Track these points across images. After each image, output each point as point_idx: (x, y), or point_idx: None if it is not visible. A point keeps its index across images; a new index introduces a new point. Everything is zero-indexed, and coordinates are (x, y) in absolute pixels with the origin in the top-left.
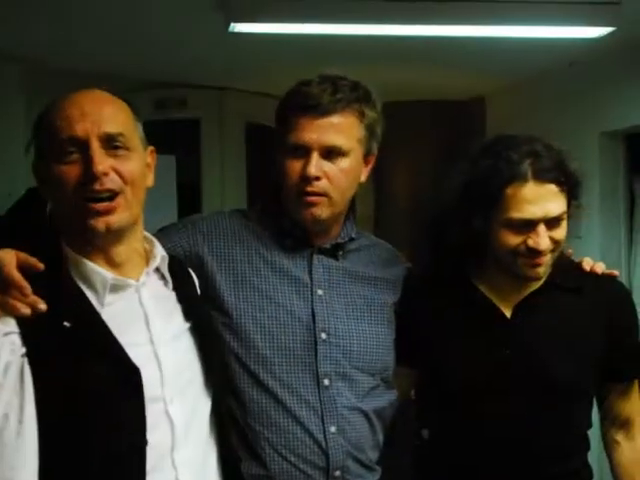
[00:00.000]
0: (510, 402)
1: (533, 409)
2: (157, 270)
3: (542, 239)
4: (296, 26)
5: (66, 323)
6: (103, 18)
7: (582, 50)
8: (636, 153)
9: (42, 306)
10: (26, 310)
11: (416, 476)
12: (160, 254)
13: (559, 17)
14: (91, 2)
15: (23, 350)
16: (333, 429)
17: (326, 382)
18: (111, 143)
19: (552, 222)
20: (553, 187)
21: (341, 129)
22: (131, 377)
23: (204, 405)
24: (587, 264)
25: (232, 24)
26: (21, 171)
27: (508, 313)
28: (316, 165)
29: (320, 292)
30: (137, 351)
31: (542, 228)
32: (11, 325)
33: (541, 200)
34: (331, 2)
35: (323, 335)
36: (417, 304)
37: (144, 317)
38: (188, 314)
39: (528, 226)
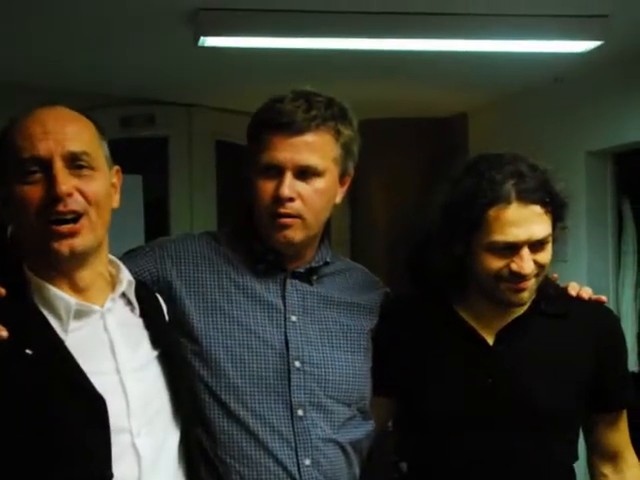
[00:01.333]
0: (493, 433)
1: (517, 440)
2: (123, 295)
3: (526, 263)
4: (269, 40)
5: (28, 351)
6: (67, 32)
7: (569, 65)
8: (624, 173)
9: (3, 333)
10: None
11: None
12: (126, 279)
13: (545, 31)
14: (55, 16)
15: None
16: (307, 462)
17: (300, 412)
18: (75, 162)
19: (536, 245)
20: (538, 208)
21: (315, 148)
22: (96, 407)
23: (173, 436)
24: (573, 289)
25: (202, 38)
26: None
27: (491, 340)
28: (289, 186)
29: (294, 318)
30: (102, 380)
31: (526, 251)
32: None
33: (525, 222)
34: (305, 15)
35: (297, 363)
36: (396, 331)
37: (109, 345)
38: (156, 341)
39: (511, 249)
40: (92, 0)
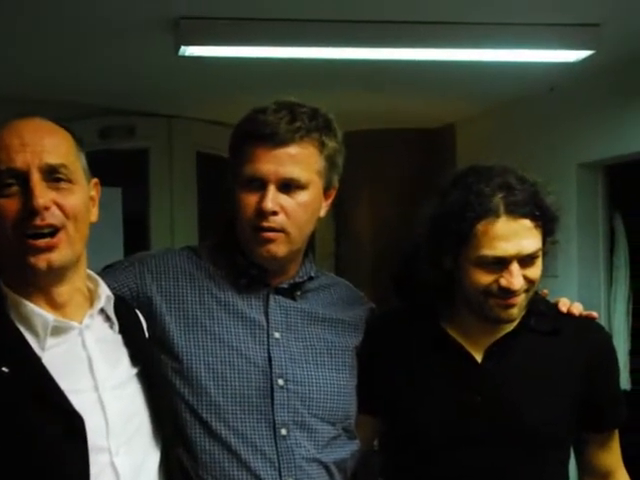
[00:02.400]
0: (482, 451)
1: (507, 459)
2: (102, 311)
3: (515, 278)
4: (251, 49)
5: (4, 368)
6: (45, 42)
7: (559, 75)
8: (616, 185)
9: None
10: None
11: None
12: (105, 294)
13: (535, 40)
14: (33, 24)
15: None
16: None
17: (283, 432)
18: (52, 175)
19: (526, 260)
20: (527, 222)
21: (299, 160)
22: (73, 425)
23: (153, 456)
24: (564, 305)
25: (182, 47)
26: None
27: (479, 357)
28: (273, 199)
29: (277, 335)
30: (80, 398)
31: (515, 266)
32: None
33: (514, 236)
34: (289, 24)
35: (280, 381)
36: (381, 348)
37: (88, 362)
38: (135, 359)
39: (500, 264)
40: (71, 9)
